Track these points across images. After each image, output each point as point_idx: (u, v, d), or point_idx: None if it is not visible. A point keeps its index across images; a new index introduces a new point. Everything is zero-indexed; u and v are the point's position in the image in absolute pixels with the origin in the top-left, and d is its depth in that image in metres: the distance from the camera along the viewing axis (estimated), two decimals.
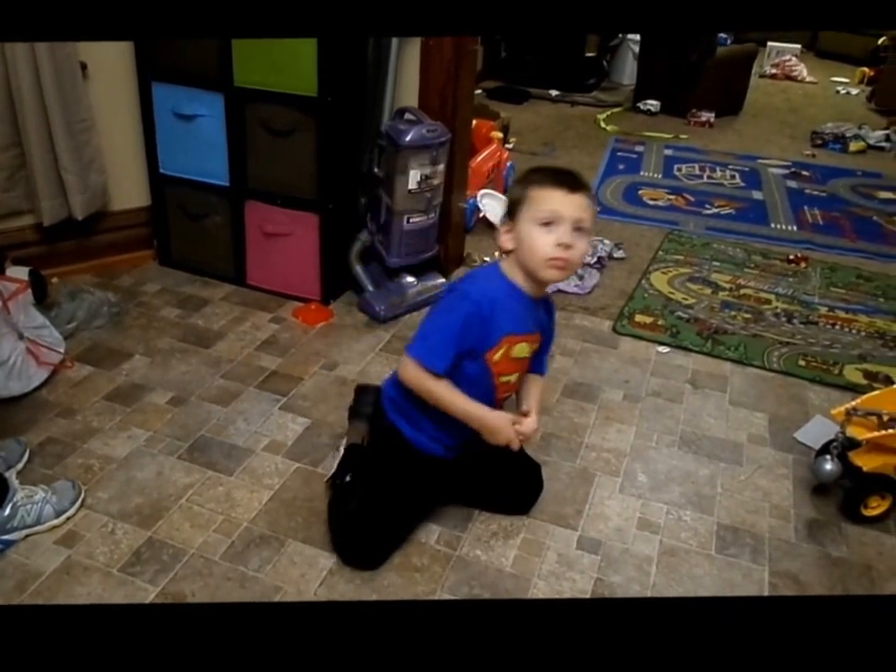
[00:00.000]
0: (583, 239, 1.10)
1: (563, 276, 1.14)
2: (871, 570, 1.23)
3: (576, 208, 1.07)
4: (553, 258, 1.08)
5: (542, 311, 1.22)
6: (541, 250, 1.08)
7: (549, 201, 1.08)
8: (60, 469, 1.32)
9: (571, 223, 1.07)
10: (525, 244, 1.10)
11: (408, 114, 1.79)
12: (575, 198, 1.08)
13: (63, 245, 1.90)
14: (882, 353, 1.87)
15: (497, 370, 1.17)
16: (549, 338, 1.27)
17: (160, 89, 1.83)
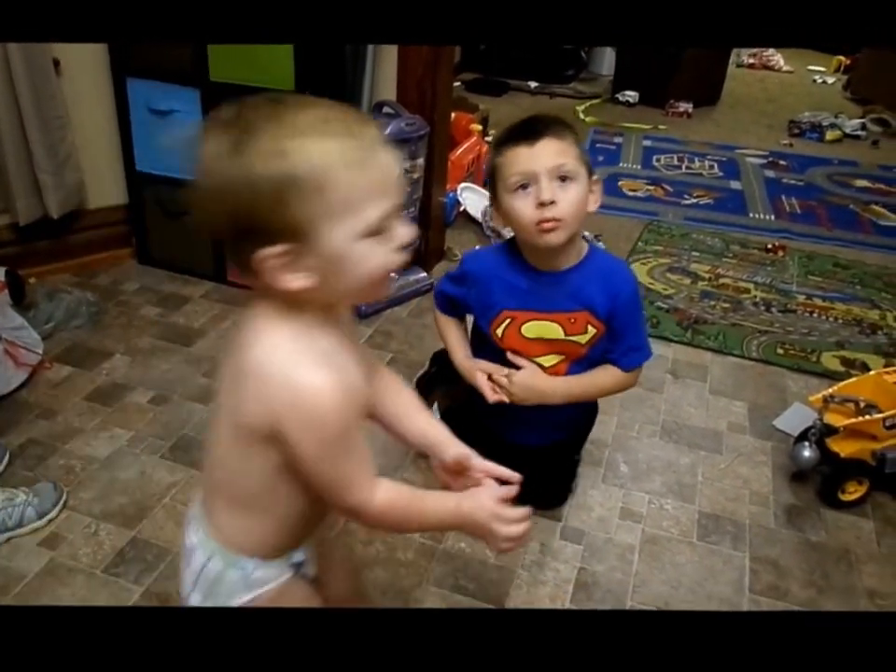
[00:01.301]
0: (573, 187, 0.98)
1: (561, 238, 0.99)
2: (849, 554, 1.25)
3: (546, 157, 0.96)
4: (539, 221, 0.97)
5: (584, 283, 1.05)
6: (525, 217, 0.98)
7: (515, 162, 0.97)
8: (41, 470, 1.31)
9: (547, 175, 0.96)
10: (510, 217, 1.01)
11: (386, 108, 1.78)
12: (542, 146, 0.96)
13: (40, 244, 1.88)
14: (859, 340, 1.91)
15: (506, 345, 1.09)
16: (613, 317, 1.06)
17: (134, 84, 1.80)
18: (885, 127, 3.75)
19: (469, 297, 1.10)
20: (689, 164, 3.16)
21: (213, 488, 0.70)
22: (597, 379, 1.11)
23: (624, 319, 1.08)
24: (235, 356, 0.63)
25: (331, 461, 0.64)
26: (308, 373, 0.60)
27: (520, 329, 1.08)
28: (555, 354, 1.10)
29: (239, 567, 0.69)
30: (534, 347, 1.09)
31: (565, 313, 1.06)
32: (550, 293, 1.06)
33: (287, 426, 0.60)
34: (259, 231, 0.57)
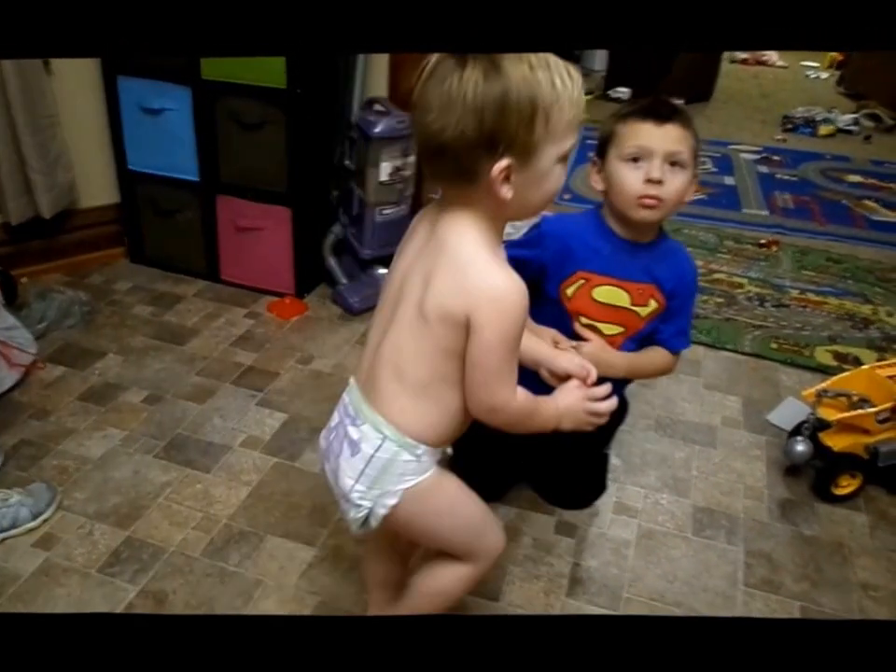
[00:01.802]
0: (680, 175, 1.02)
1: (656, 216, 1.04)
2: (842, 548, 1.26)
3: (668, 140, 1.00)
4: (642, 195, 1.01)
5: (656, 259, 1.10)
6: (630, 188, 1.02)
7: (636, 135, 1.01)
8: (35, 471, 1.31)
9: (663, 157, 1.00)
10: (613, 183, 1.04)
11: (377, 105, 1.78)
12: (667, 129, 1.00)
13: (32, 244, 1.87)
14: (851, 334, 1.91)
15: (573, 306, 1.11)
16: (674, 297, 1.11)
17: (125, 83, 1.80)
18: (877, 122, 3.77)
19: (544, 257, 1.11)
20: None
21: (388, 376, 0.76)
22: (652, 357, 1.15)
23: (682, 301, 1.13)
24: (430, 254, 0.73)
25: (501, 355, 0.72)
26: (505, 274, 0.71)
27: (591, 291, 1.11)
28: (617, 324, 1.13)
29: (412, 451, 0.77)
30: (600, 312, 1.12)
31: (635, 282, 1.10)
32: (627, 262, 1.10)
33: (478, 313, 0.70)
34: (501, 143, 0.66)
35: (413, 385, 0.76)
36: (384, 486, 0.78)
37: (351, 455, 0.78)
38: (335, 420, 0.83)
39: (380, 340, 0.78)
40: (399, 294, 0.76)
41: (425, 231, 0.77)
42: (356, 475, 0.78)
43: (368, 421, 0.78)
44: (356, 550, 1.19)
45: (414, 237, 0.78)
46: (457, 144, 0.67)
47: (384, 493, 0.78)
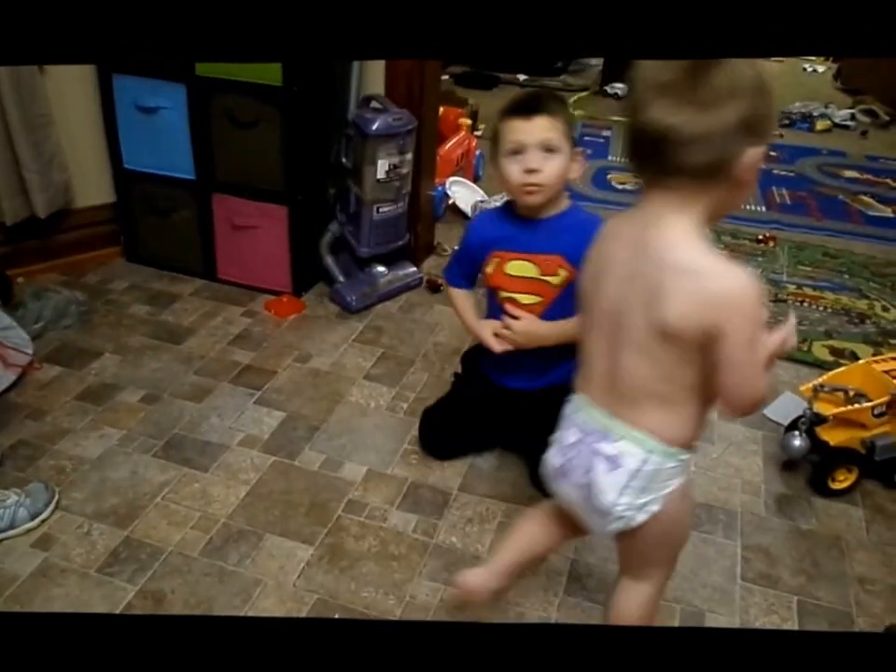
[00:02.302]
0: (554, 158, 1.16)
1: (540, 199, 1.20)
2: (839, 541, 1.26)
3: (538, 131, 1.15)
4: (523, 184, 1.17)
5: (560, 231, 1.23)
6: (512, 179, 1.18)
7: (511, 131, 1.16)
8: (32, 471, 1.31)
9: (536, 147, 1.15)
10: (503, 176, 1.20)
11: (374, 102, 1.77)
12: (535, 122, 1.15)
13: (27, 244, 1.86)
14: (847, 329, 1.92)
15: (491, 282, 1.29)
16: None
17: (120, 81, 1.79)
18: (874, 118, 3.77)
19: (475, 252, 1.31)
20: None
21: (635, 395, 0.77)
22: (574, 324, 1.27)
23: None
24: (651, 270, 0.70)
25: (754, 349, 0.70)
26: (738, 273, 0.69)
27: (504, 266, 1.27)
28: (532, 294, 1.27)
29: (676, 458, 0.79)
30: (514, 283, 1.27)
31: (540, 254, 1.25)
32: (529, 237, 1.25)
33: (725, 321, 0.68)
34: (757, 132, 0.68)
35: (658, 399, 0.76)
36: (651, 494, 0.79)
37: (609, 471, 0.79)
38: (572, 438, 0.83)
39: (611, 363, 0.78)
40: (617, 315, 0.75)
41: (629, 245, 0.74)
42: (618, 489, 0.79)
43: (625, 437, 0.78)
44: (355, 549, 1.19)
45: (616, 252, 0.75)
46: (725, 135, 0.65)
47: (650, 500, 0.79)
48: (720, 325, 0.68)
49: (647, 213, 0.72)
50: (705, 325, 0.69)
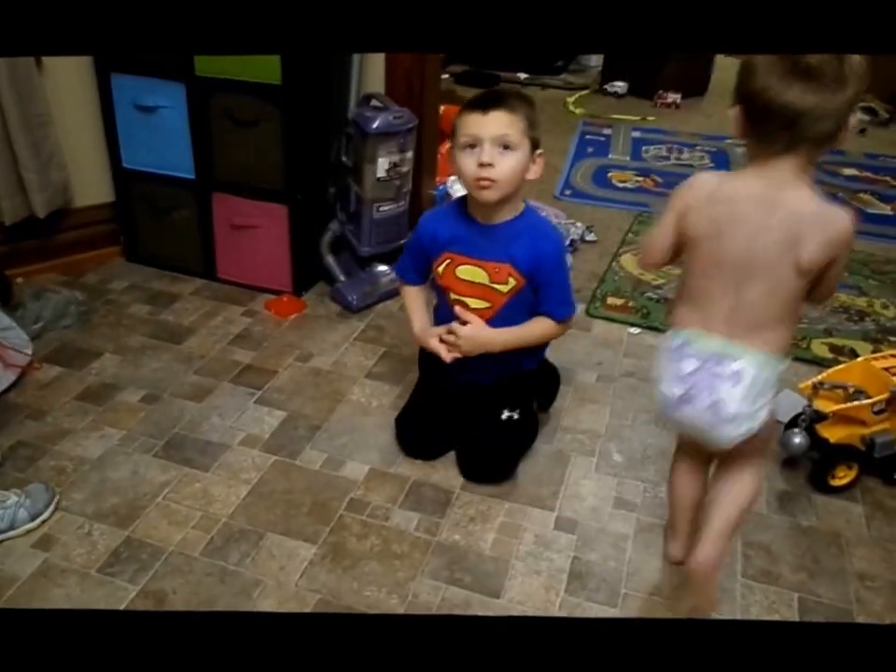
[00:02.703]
0: (510, 155, 1.15)
1: (494, 195, 1.18)
2: (839, 538, 1.26)
3: (494, 126, 1.13)
4: (476, 178, 1.15)
5: (511, 239, 1.23)
6: (466, 172, 1.17)
7: (467, 125, 1.15)
8: (32, 472, 1.30)
9: (490, 142, 1.13)
10: (457, 169, 1.19)
11: (374, 100, 1.77)
12: (491, 117, 1.13)
13: (26, 244, 1.86)
14: (847, 327, 1.92)
15: (443, 283, 1.29)
16: (537, 274, 1.24)
17: (119, 80, 1.79)
18: (872, 116, 3.77)
19: (425, 245, 1.30)
20: (678, 155, 3.17)
21: (755, 320, 0.94)
22: (532, 327, 1.30)
23: (549, 274, 1.25)
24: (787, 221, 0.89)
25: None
26: (844, 213, 0.89)
27: (455, 270, 1.27)
28: (481, 299, 1.27)
29: (779, 366, 0.96)
30: (463, 288, 1.28)
31: (491, 261, 1.24)
32: (482, 242, 1.24)
33: (841, 250, 0.89)
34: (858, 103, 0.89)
35: (773, 320, 0.94)
36: (765, 398, 0.95)
37: (734, 386, 0.93)
38: (690, 367, 0.95)
39: (736, 299, 0.93)
40: (747, 260, 0.91)
41: (759, 203, 0.90)
42: (740, 398, 0.93)
43: (744, 356, 0.93)
44: (358, 547, 1.19)
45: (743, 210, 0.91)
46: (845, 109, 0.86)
47: (765, 403, 0.95)
48: (837, 256, 0.89)
49: (775, 176, 0.89)
50: (828, 257, 0.89)
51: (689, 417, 0.98)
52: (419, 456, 1.37)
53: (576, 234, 2.27)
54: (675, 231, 0.98)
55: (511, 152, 1.15)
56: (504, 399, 1.35)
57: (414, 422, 1.39)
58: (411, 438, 1.39)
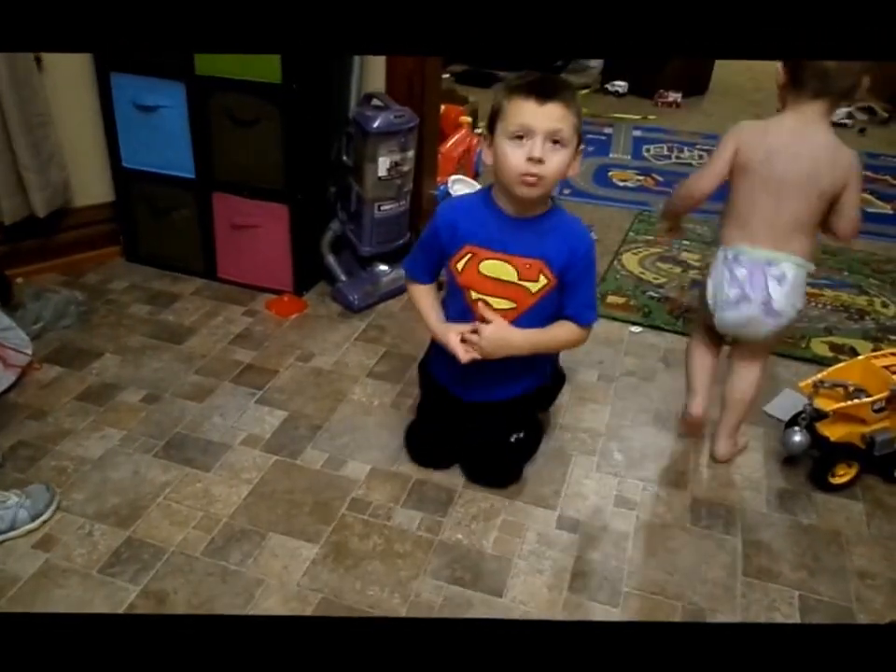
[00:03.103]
0: (561, 152, 1.07)
1: (536, 193, 1.10)
2: (840, 536, 1.27)
3: (548, 119, 1.04)
4: (524, 173, 1.06)
5: (544, 234, 1.15)
6: (513, 165, 1.06)
7: (520, 113, 1.05)
8: (33, 472, 1.30)
9: (543, 136, 1.04)
10: (499, 159, 1.09)
11: (375, 100, 1.77)
12: (548, 108, 1.04)
13: (26, 244, 1.86)
14: (847, 326, 1.92)
15: (462, 280, 1.19)
16: (567, 272, 1.16)
17: (118, 79, 1.78)
18: (871, 115, 3.77)
19: (443, 238, 1.19)
20: (678, 154, 3.17)
21: (791, 232, 1.23)
22: (555, 332, 1.22)
23: (579, 275, 1.18)
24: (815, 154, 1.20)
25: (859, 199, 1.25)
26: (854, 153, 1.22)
27: (478, 265, 1.16)
28: (507, 299, 1.18)
29: (809, 269, 1.28)
30: (488, 286, 1.17)
31: (522, 257, 1.15)
32: (513, 237, 1.15)
33: (848, 179, 1.20)
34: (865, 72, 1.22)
35: (804, 232, 1.24)
36: (799, 295, 1.26)
37: (780, 285, 1.22)
38: (743, 272, 1.25)
39: (776, 212, 1.22)
40: (783, 181, 1.20)
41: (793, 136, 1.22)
42: (785, 295, 1.23)
43: (786, 261, 1.23)
44: (360, 547, 1.19)
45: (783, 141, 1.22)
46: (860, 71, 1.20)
47: (798, 300, 1.26)
48: (847, 182, 1.20)
49: (805, 116, 1.20)
50: (842, 182, 1.19)
51: (744, 313, 1.26)
52: (430, 466, 1.34)
53: None
54: (729, 162, 1.25)
55: (562, 148, 1.06)
56: (511, 423, 1.31)
57: (421, 436, 1.37)
58: (421, 451, 1.36)
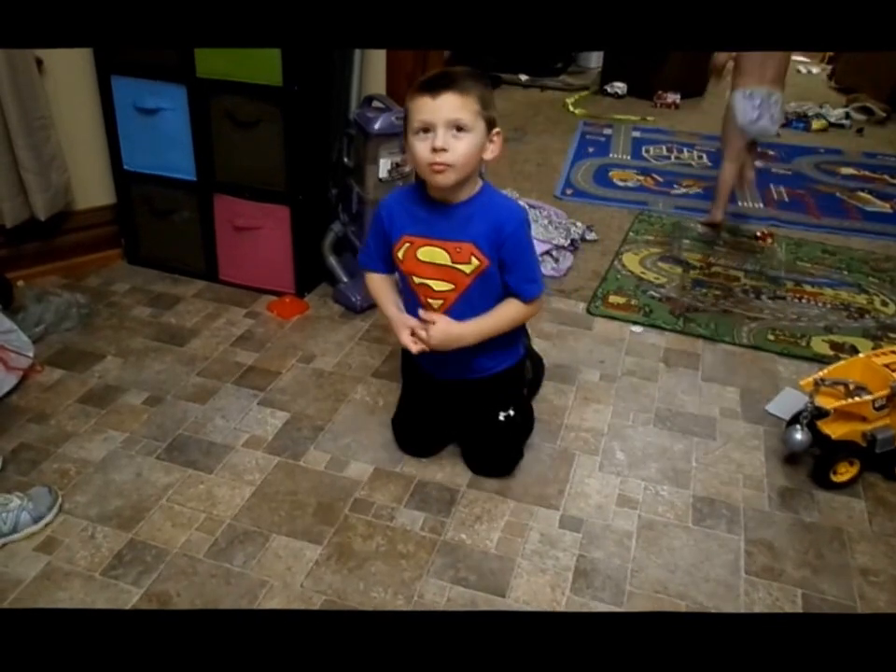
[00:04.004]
0: (465, 138, 1.12)
1: (450, 179, 1.14)
2: (842, 534, 1.27)
3: (446, 110, 1.10)
4: (430, 163, 1.12)
5: (471, 218, 1.19)
6: (420, 158, 1.13)
7: (419, 110, 1.12)
8: (35, 475, 1.30)
9: (444, 126, 1.10)
10: (410, 154, 1.16)
11: (376, 101, 1.77)
12: (442, 100, 1.10)
13: (28, 246, 1.86)
14: (847, 324, 1.93)
15: (405, 268, 1.24)
16: (502, 252, 1.19)
17: (119, 82, 1.79)
18: (869, 115, 3.78)
19: (386, 228, 1.26)
20: (678, 154, 3.17)
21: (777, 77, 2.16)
22: (501, 312, 1.25)
23: (513, 251, 1.20)
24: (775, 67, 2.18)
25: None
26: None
27: (416, 252, 1.23)
28: (444, 280, 1.23)
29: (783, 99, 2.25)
30: (426, 270, 1.23)
31: (452, 241, 1.20)
32: (442, 223, 1.21)
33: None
34: None
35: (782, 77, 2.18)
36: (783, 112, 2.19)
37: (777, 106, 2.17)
38: (758, 101, 2.15)
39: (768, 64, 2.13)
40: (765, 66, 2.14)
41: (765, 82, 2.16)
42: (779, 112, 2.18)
43: (777, 92, 2.17)
44: (364, 548, 1.19)
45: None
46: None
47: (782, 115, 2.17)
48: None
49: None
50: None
51: (761, 125, 2.18)
52: (417, 454, 1.38)
53: (576, 234, 2.27)
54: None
55: (465, 134, 1.11)
56: (497, 401, 1.35)
57: (407, 422, 1.40)
58: (406, 438, 1.39)
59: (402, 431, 1.40)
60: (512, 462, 1.36)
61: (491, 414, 1.34)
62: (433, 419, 1.38)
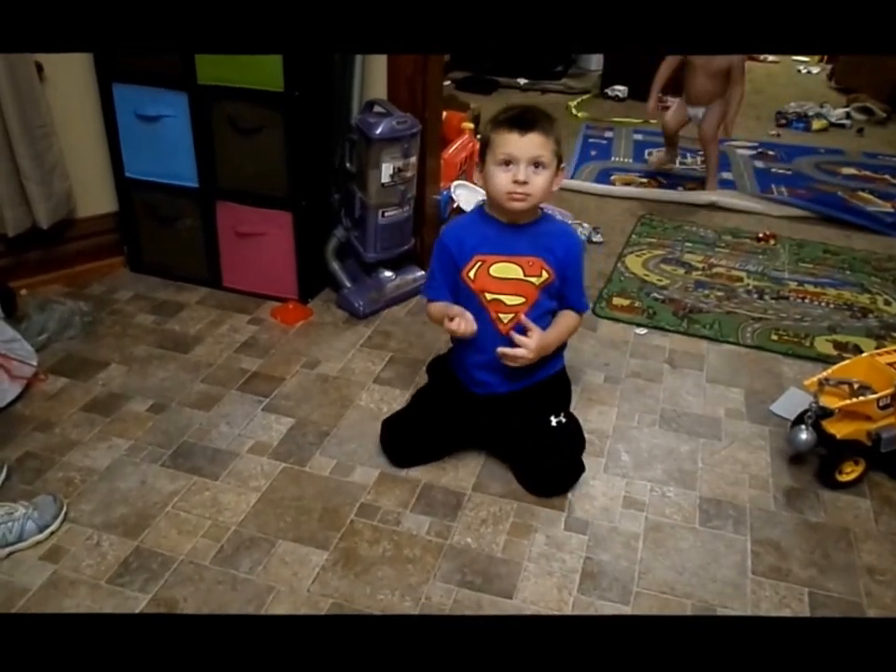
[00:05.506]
0: (543, 173, 1.25)
1: (525, 206, 1.28)
2: (848, 533, 1.27)
3: (530, 148, 1.23)
4: (510, 192, 1.25)
5: (539, 236, 1.32)
6: (500, 186, 1.26)
7: (505, 144, 1.24)
8: (40, 483, 1.30)
9: (527, 162, 1.23)
10: (489, 182, 1.28)
11: (377, 106, 1.78)
12: (528, 139, 1.23)
13: (30, 255, 1.86)
14: (850, 324, 1.92)
15: (476, 286, 1.32)
16: (566, 267, 1.34)
17: (121, 89, 1.79)
18: (869, 115, 3.79)
19: (454, 254, 1.35)
20: (680, 157, 3.18)
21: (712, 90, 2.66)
22: (565, 321, 1.39)
23: (575, 269, 1.37)
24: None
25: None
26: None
27: (489, 269, 1.32)
28: (516, 294, 1.33)
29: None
30: (500, 286, 1.32)
31: (524, 256, 1.32)
32: (513, 241, 1.32)
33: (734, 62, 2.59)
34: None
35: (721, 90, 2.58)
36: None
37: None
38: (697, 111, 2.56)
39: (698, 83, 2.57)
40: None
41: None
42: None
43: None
44: (370, 553, 1.19)
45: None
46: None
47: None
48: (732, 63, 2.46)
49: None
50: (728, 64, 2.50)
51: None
52: (400, 463, 1.36)
53: (583, 235, 2.28)
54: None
55: (543, 170, 1.25)
56: (547, 407, 1.37)
57: (404, 429, 1.38)
58: (395, 444, 1.37)
59: (402, 441, 1.37)
60: (575, 474, 1.33)
61: (543, 421, 1.35)
62: (435, 431, 1.37)
